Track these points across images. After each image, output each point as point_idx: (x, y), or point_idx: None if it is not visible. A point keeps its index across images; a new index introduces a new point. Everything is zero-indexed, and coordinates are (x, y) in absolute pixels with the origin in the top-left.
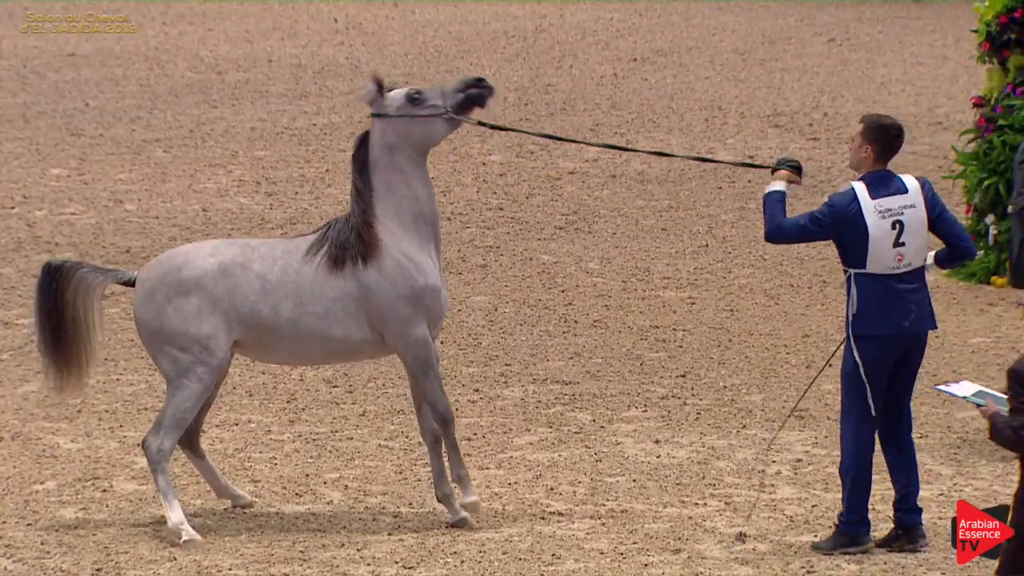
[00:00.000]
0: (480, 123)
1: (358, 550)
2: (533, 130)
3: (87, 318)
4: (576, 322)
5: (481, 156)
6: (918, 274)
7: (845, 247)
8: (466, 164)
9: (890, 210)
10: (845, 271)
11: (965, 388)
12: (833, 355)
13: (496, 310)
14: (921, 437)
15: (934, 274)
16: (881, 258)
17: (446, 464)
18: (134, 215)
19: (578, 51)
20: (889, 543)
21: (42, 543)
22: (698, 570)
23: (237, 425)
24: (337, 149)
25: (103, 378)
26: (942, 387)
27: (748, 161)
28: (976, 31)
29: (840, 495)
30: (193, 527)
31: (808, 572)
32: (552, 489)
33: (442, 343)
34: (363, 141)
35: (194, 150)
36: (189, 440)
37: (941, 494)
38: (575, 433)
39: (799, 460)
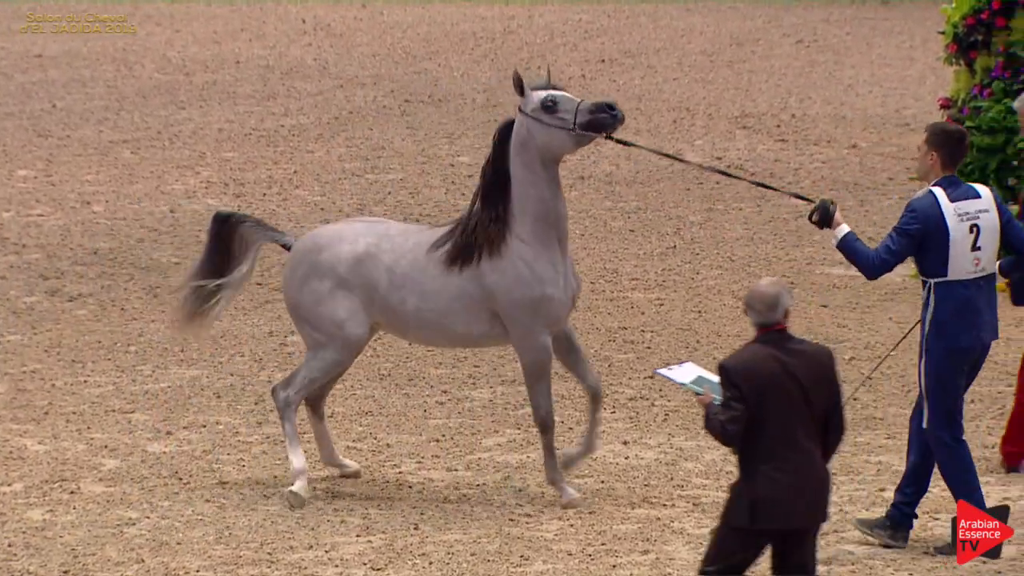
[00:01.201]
0: (608, 137)
1: (326, 552)
2: (656, 148)
3: (241, 267)
4: None
5: (449, 157)
6: (991, 281)
7: (927, 254)
8: (434, 165)
9: (967, 213)
10: (924, 282)
11: (686, 372)
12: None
13: None
14: (888, 438)
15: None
16: (961, 263)
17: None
18: (102, 216)
19: (546, 52)
20: (871, 526)
21: (9, 545)
22: (666, 571)
23: (205, 427)
24: (305, 150)
25: (70, 380)
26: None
27: (799, 193)
28: (943, 32)
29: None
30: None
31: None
32: (520, 490)
33: (409, 346)
34: (506, 130)
35: (162, 151)
36: (314, 401)
37: None
38: None
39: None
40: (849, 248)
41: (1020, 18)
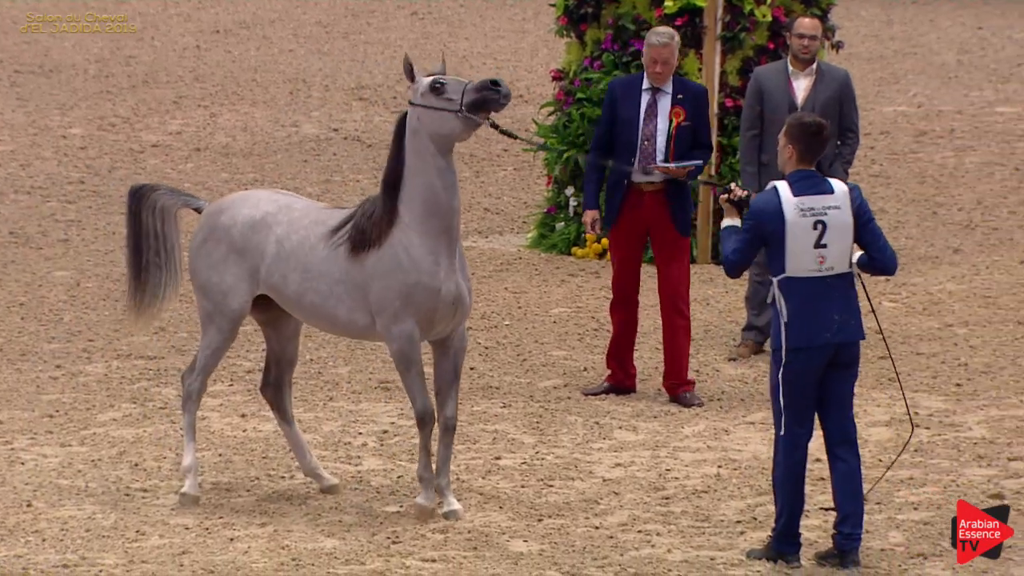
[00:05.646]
0: (493, 125)
1: None
2: (541, 144)
3: (166, 240)
4: None
5: (61, 129)
6: (844, 280)
7: (769, 249)
8: (46, 137)
9: (812, 209)
10: (770, 280)
11: None
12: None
13: (78, 285)
14: (504, 407)
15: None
16: (801, 258)
17: (450, 454)
18: None
19: (159, 23)
20: (823, 557)
21: None
22: (284, 543)
23: None
24: None
25: None
26: None
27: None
28: (554, 5)
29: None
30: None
31: (393, 543)
32: (137, 465)
33: (23, 319)
34: (402, 122)
35: None
36: (278, 400)
37: (524, 463)
38: (160, 408)
39: (385, 432)
40: (725, 238)
41: None
